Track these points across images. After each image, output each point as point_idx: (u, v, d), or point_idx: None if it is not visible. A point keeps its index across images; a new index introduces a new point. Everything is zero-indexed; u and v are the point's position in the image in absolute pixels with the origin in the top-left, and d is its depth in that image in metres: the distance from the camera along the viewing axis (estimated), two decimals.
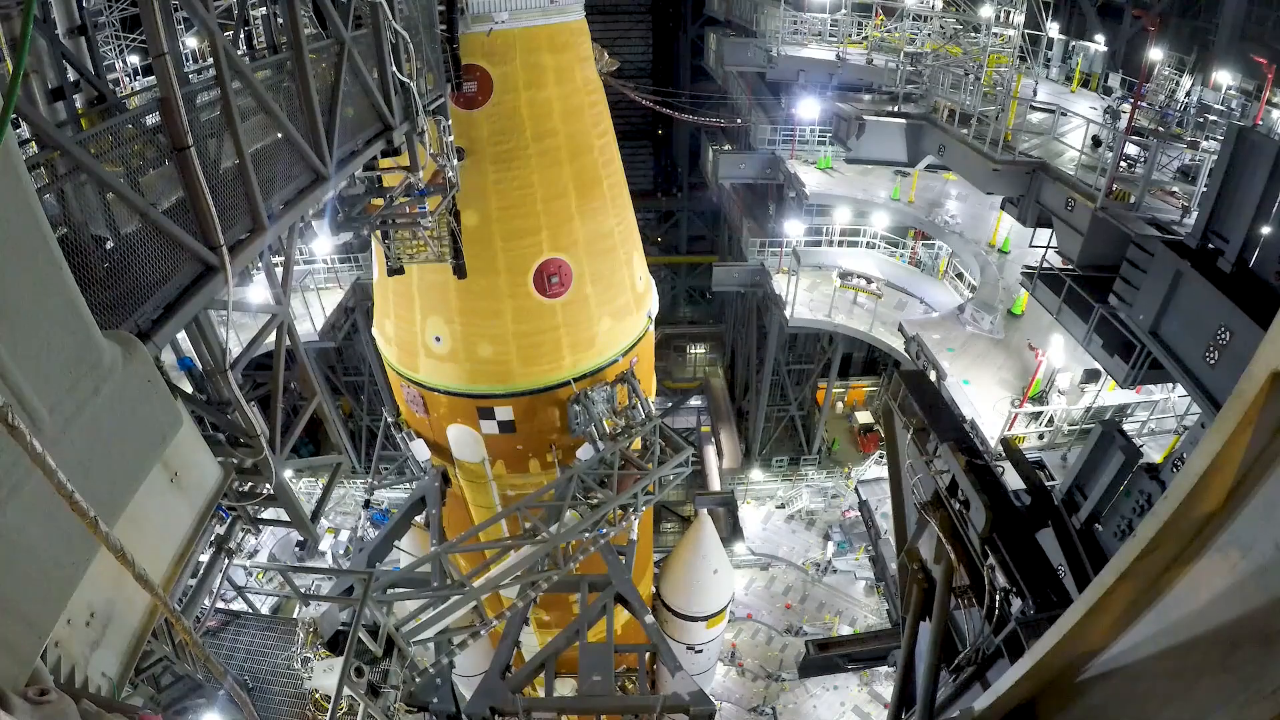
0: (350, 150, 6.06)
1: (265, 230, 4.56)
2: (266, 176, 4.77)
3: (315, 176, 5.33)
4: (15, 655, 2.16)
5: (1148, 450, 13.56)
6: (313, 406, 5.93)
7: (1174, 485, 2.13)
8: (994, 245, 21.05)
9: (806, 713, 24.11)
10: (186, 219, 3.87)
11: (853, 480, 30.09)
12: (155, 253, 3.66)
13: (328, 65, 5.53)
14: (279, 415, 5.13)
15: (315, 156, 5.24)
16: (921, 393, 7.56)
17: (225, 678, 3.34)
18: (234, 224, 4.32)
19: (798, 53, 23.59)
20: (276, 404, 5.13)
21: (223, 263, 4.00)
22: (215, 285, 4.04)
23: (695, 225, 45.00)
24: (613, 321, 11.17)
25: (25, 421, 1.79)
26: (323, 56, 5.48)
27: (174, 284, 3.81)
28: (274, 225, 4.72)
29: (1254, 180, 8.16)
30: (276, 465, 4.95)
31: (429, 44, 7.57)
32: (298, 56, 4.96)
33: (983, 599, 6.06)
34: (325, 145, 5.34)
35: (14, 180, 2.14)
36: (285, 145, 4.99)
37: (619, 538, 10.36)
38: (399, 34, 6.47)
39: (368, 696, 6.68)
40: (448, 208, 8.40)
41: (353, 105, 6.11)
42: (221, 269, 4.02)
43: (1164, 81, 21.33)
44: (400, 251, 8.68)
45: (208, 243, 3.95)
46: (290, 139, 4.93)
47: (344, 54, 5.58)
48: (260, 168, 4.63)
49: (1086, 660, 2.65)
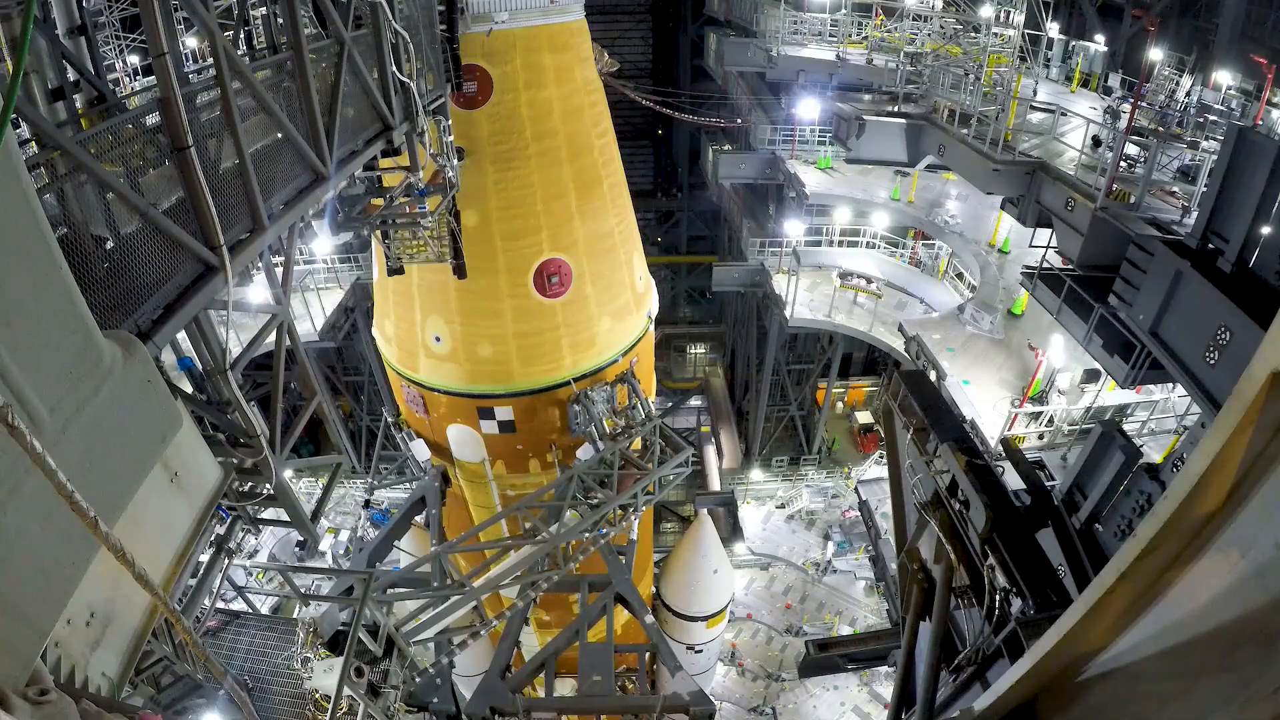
0: (350, 150, 6.05)
1: (265, 230, 4.55)
2: (267, 176, 4.76)
3: (315, 176, 5.33)
4: (15, 655, 2.16)
5: (1148, 450, 13.56)
6: (312, 407, 5.93)
7: (1174, 485, 2.13)
8: (994, 245, 21.05)
9: (806, 713, 24.11)
10: (187, 219, 3.87)
11: (853, 480, 30.09)
12: (155, 253, 3.66)
13: (328, 65, 5.52)
14: (279, 416, 5.12)
15: (315, 156, 5.23)
16: (921, 393, 7.56)
17: (225, 678, 3.34)
18: (234, 224, 4.31)
19: (798, 53, 23.59)
20: (276, 404, 5.12)
21: (223, 263, 4.00)
22: (215, 285, 4.04)
23: (695, 225, 45.00)
24: (613, 321, 11.17)
25: (25, 421, 1.79)
26: (322, 56, 5.47)
27: (174, 284, 3.80)
28: (274, 225, 4.71)
29: (1254, 180, 8.16)
30: (276, 465, 4.94)
31: (429, 44, 7.55)
32: (298, 56, 4.95)
33: (983, 599, 6.06)
34: (325, 145, 5.34)
35: (14, 180, 2.14)
36: (285, 145, 4.97)
37: (619, 538, 10.37)
38: (399, 34, 6.45)
39: (368, 696, 6.68)
40: (448, 208, 8.40)
41: (353, 105, 6.09)
42: (221, 269, 4.01)
43: (1164, 81, 21.33)
44: (400, 251, 8.68)
45: (208, 243, 3.94)
46: (290, 139, 4.93)
47: (344, 54, 5.56)
48: (260, 167, 4.62)
49: (1086, 660, 2.65)
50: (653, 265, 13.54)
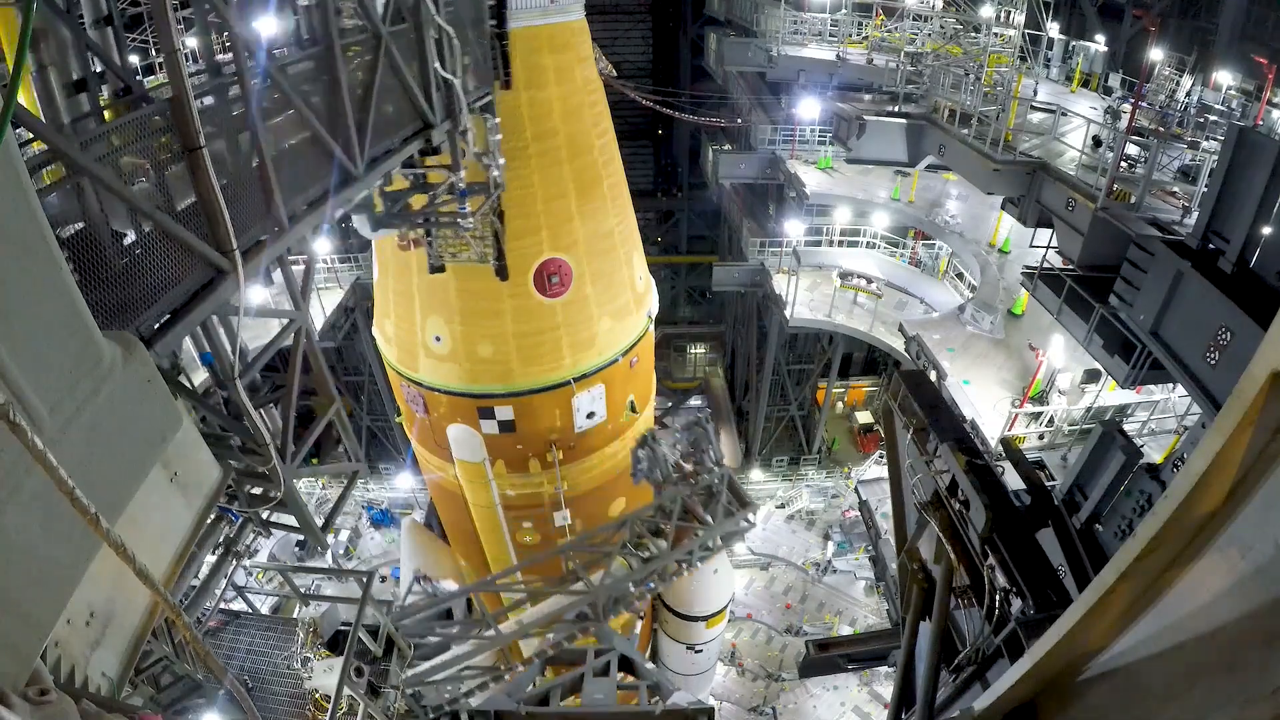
0: (386, 148, 5.80)
1: (286, 231, 4.38)
2: (290, 175, 4.54)
3: (345, 176, 5.10)
4: (15, 655, 2.16)
5: (1148, 450, 13.55)
6: (330, 414, 5.80)
7: (1174, 485, 2.13)
8: (994, 245, 21.05)
9: (806, 713, 24.11)
10: (199, 220, 3.78)
11: (853, 480, 30.08)
12: (167, 253, 3.57)
13: (362, 60, 5.30)
14: (291, 424, 5.04)
15: (345, 155, 5.00)
16: (921, 393, 7.56)
17: (225, 676, 3.33)
18: (251, 225, 4.14)
19: (798, 53, 23.57)
20: (290, 413, 5.02)
21: (234, 267, 3.87)
22: (226, 290, 3.90)
23: (695, 225, 44.95)
24: (613, 321, 11.17)
25: (26, 421, 1.79)
26: (358, 52, 5.24)
27: (183, 288, 3.69)
28: (295, 227, 4.53)
29: (1254, 180, 8.15)
30: (285, 474, 4.87)
31: (476, 39, 7.28)
32: (329, 51, 4.72)
33: (983, 599, 6.06)
34: (356, 143, 5.10)
35: (14, 180, 2.14)
36: (312, 142, 4.78)
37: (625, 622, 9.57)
38: (443, 28, 6.11)
39: (368, 696, 6.68)
40: (492, 208, 8.06)
41: (390, 101, 5.84)
42: (233, 273, 3.88)
43: (1164, 81, 21.33)
44: (443, 250, 8.39)
45: (219, 246, 3.79)
46: (318, 138, 4.72)
47: (380, 49, 5.30)
48: (284, 166, 4.44)
49: (1086, 660, 2.65)
50: (653, 265, 13.54)
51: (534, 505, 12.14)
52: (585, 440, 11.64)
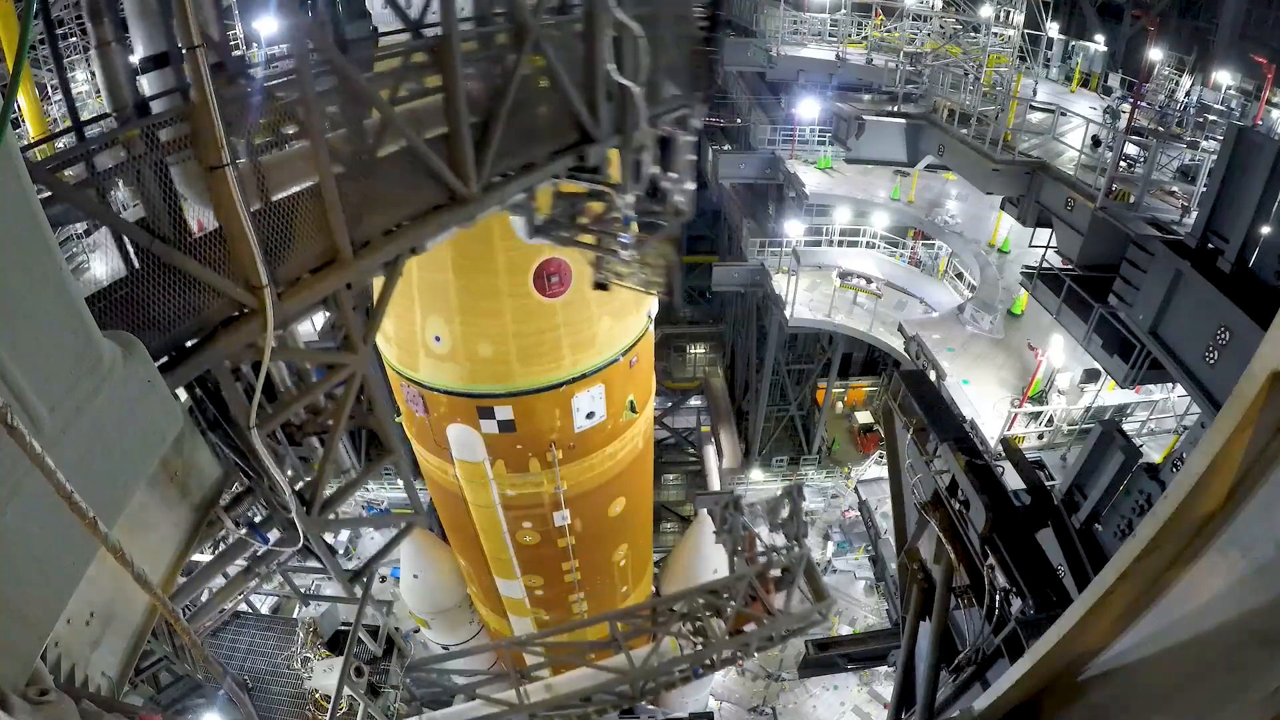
0: (522, 163, 4.78)
1: (348, 266, 3.62)
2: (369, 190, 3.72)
3: (449, 195, 4.19)
4: (15, 655, 2.16)
5: (1148, 450, 13.56)
6: (379, 464, 5.31)
7: (1174, 485, 2.13)
8: (994, 245, 21.05)
9: (806, 713, 24.11)
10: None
11: (853, 480, 30.07)
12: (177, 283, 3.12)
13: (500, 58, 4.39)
14: (325, 479, 4.49)
15: (449, 171, 4.07)
16: (921, 393, 7.57)
17: (224, 677, 3.33)
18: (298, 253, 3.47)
19: (797, 53, 23.56)
20: (326, 465, 4.43)
21: (262, 306, 3.31)
22: (250, 331, 3.33)
23: (695, 225, 44.84)
24: (612, 321, 11.16)
25: (25, 422, 1.79)
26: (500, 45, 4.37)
27: (191, 324, 3.18)
28: (363, 261, 3.79)
29: (1254, 180, 8.16)
30: (306, 527, 4.38)
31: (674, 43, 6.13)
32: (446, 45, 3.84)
33: (983, 599, 6.07)
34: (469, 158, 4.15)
35: (14, 180, 2.14)
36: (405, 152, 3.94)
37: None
38: (625, 25, 5.08)
39: (367, 696, 6.68)
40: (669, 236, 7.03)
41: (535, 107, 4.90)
42: (260, 313, 3.32)
43: (1164, 81, 21.32)
44: (610, 269, 7.65)
45: (245, 281, 3.19)
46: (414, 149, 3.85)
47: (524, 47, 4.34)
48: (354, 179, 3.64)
49: (1087, 660, 2.65)
50: None
51: (534, 505, 12.15)
52: (585, 440, 11.64)
